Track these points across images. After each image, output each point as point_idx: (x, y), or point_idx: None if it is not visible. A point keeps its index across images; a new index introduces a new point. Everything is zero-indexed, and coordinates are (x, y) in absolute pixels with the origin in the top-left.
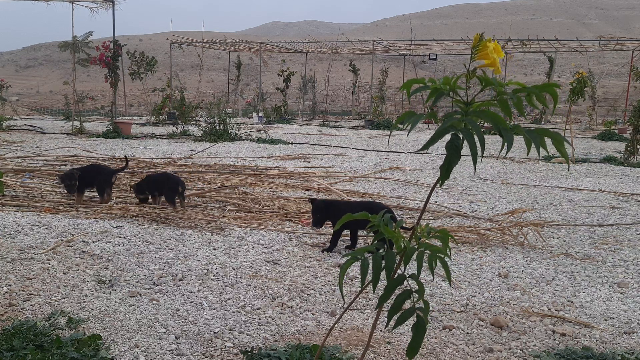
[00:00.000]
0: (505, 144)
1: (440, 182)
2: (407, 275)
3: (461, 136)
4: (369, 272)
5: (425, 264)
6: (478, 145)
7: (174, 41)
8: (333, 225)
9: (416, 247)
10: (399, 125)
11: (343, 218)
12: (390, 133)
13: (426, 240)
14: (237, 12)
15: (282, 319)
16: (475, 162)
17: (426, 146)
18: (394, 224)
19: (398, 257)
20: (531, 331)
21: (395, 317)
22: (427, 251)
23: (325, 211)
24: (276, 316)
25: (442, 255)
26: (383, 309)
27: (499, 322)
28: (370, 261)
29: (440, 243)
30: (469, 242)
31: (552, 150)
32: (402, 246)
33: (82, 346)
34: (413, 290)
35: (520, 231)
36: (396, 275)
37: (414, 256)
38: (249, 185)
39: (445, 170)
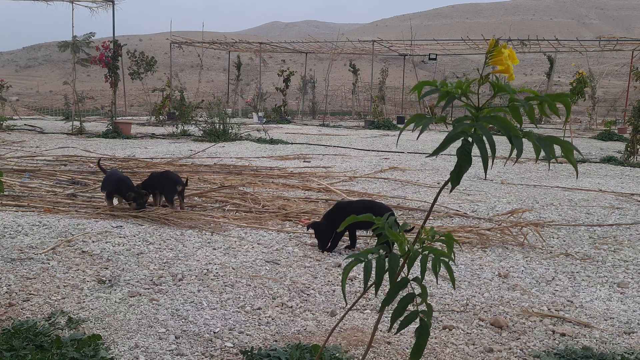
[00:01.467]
0: (516, 151)
1: (451, 188)
2: (411, 279)
3: (471, 140)
4: (372, 274)
5: (429, 267)
6: (489, 150)
7: (174, 41)
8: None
9: (420, 250)
10: (407, 128)
11: (347, 220)
12: (399, 135)
13: (430, 244)
14: (237, 12)
15: (282, 319)
16: (486, 168)
17: (436, 152)
18: (397, 227)
19: (401, 260)
20: (531, 331)
21: (399, 320)
22: (431, 255)
23: (335, 222)
24: (276, 316)
25: (447, 259)
26: (384, 309)
27: (499, 322)
28: (374, 264)
29: (442, 245)
30: (469, 242)
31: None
32: (406, 249)
33: (82, 346)
34: (416, 293)
35: (520, 231)
36: (399, 278)
37: (418, 259)
38: (249, 185)
39: (456, 176)
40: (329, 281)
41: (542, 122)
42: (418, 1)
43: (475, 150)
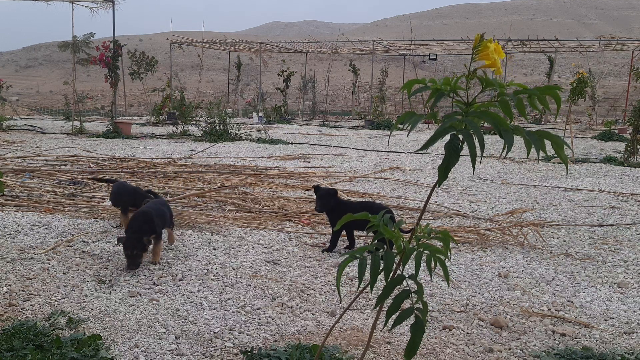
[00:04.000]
0: (506, 145)
1: (438, 182)
2: (407, 276)
3: (460, 137)
4: (367, 271)
5: (423, 264)
6: (477, 146)
7: (174, 41)
8: (331, 223)
9: (415, 247)
10: (399, 126)
11: (343, 218)
12: (391, 133)
13: (426, 241)
14: (237, 12)
15: (282, 319)
16: (474, 163)
17: (425, 146)
18: (393, 225)
19: (397, 258)
20: (531, 331)
21: (394, 316)
22: (426, 252)
23: (330, 202)
24: (276, 316)
25: (441, 256)
26: (383, 309)
27: (499, 322)
28: (369, 261)
29: (440, 244)
30: (469, 242)
31: (552, 151)
32: (402, 246)
33: (82, 346)
34: (412, 290)
35: (520, 231)
36: (395, 275)
37: (413, 256)
38: (249, 185)
39: (444, 171)
40: (329, 281)
41: (542, 122)
42: (418, 1)
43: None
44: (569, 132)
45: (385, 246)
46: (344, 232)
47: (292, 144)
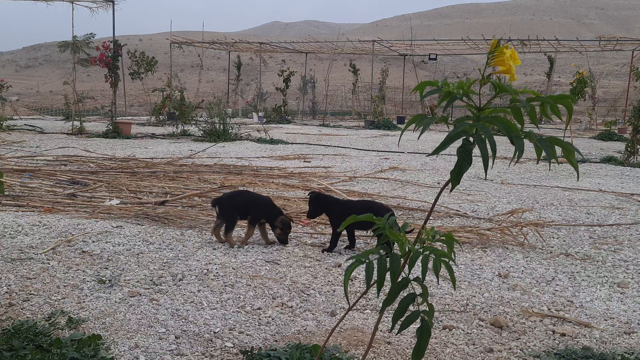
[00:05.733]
0: (517, 151)
1: (451, 187)
2: (412, 279)
3: (472, 140)
4: (374, 275)
5: (430, 267)
6: (489, 150)
7: (174, 41)
8: (331, 223)
9: (421, 250)
10: (408, 128)
11: (347, 219)
12: (401, 135)
13: (430, 244)
14: (237, 12)
15: (282, 319)
16: (486, 168)
17: (436, 151)
18: (398, 228)
19: (402, 261)
20: (531, 331)
21: (400, 320)
22: (432, 255)
23: (323, 206)
24: (276, 316)
25: (447, 260)
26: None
27: (499, 322)
28: (375, 265)
29: (442, 245)
30: (469, 242)
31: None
32: (407, 249)
33: (82, 346)
34: (417, 293)
35: (520, 231)
36: (400, 278)
37: (419, 260)
38: (249, 185)
39: (457, 175)
40: (329, 281)
41: (543, 122)
42: (418, 1)
43: (475, 151)
44: (569, 132)
45: (390, 249)
46: (344, 232)
47: (292, 144)
